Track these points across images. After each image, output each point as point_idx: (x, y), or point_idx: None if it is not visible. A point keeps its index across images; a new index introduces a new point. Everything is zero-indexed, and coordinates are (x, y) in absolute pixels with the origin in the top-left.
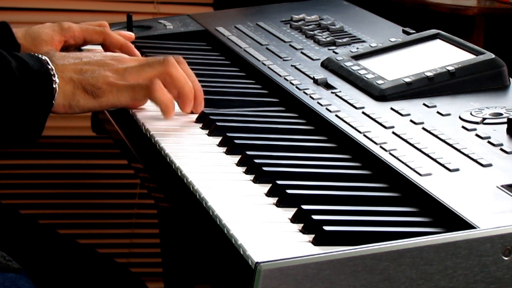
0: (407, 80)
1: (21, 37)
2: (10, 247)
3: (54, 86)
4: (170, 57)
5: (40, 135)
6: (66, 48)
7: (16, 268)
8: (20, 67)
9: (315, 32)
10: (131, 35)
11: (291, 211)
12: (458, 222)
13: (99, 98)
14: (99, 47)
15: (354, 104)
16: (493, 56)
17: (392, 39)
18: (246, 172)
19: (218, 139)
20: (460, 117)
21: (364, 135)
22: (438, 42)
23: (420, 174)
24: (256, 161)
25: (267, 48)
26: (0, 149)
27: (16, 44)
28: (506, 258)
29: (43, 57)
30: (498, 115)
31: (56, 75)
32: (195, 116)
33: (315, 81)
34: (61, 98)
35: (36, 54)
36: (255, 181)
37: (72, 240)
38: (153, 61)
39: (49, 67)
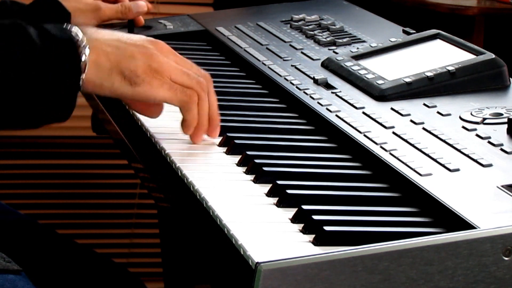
0: (407, 80)
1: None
2: (9, 248)
3: (83, 58)
4: (205, 81)
5: (71, 111)
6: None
7: (16, 269)
8: (41, 33)
9: (315, 32)
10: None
11: (291, 211)
12: (458, 222)
13: (136, 87)
14: None
15: (354, 104)
16: (493, 56)
17: (392, 39)
18: (247, 172)
19: (218, 139)
20: (460, 117)
21: (364, 135)
22: (438, 42)
23: (420, 174)
24: (257, 161)
25: (267, 48)
26: (33, 127)
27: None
28: (506, 258)
29: (72, 27)
30: (498, 115)
31: (87, 47)
32: None
33: (315, 81)
34: (93, 74)
35: (61, 25)
36: (255, 181)
37: (70, 240)
38: (193, 75)
39: (78, 36)
